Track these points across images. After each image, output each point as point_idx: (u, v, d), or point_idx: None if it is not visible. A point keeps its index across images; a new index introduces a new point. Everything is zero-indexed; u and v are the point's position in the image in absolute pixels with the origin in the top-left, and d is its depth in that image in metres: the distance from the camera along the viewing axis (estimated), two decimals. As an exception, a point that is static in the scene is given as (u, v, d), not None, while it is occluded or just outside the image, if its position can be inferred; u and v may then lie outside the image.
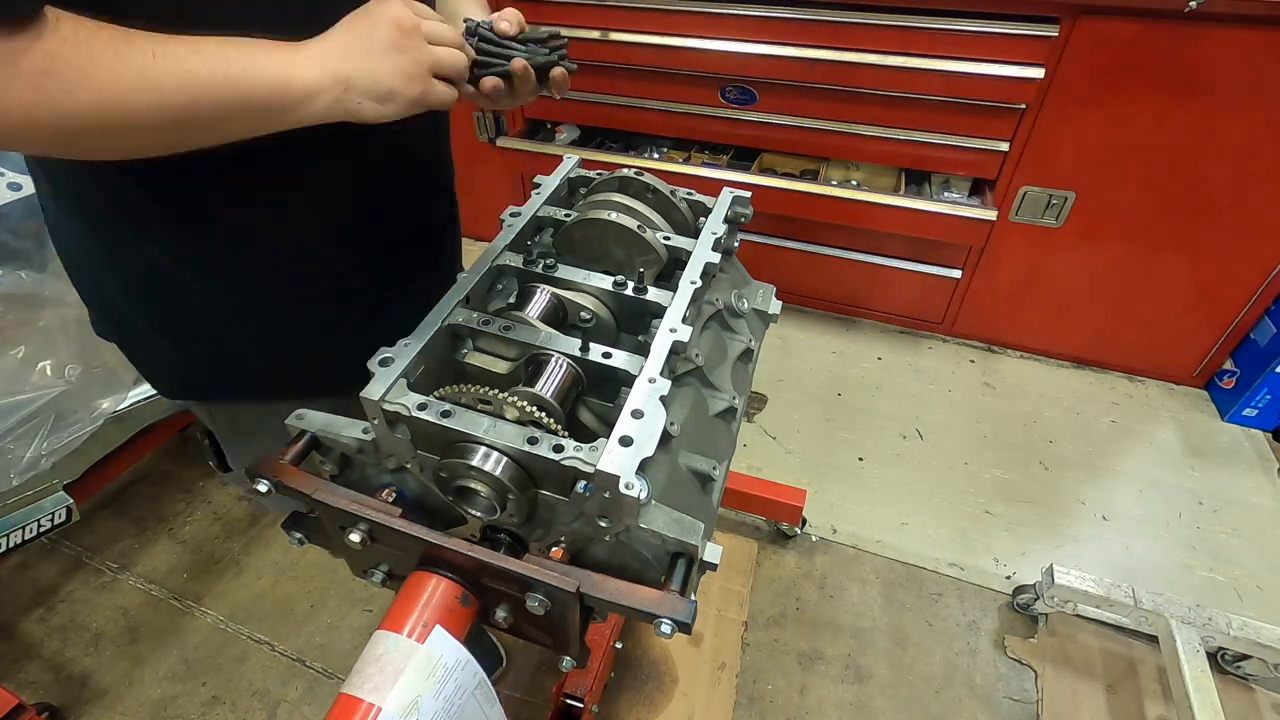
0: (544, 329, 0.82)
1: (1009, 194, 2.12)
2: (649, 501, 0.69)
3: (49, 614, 1.73)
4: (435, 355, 0.80)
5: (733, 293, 1.05)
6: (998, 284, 2.35)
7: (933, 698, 1.56)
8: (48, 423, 1.35)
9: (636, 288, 0.87)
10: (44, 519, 1.54)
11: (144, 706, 1.56)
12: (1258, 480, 2.05)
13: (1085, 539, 1.88)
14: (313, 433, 0.79)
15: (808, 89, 2.10)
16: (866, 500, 1.98)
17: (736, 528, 1.91)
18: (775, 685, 1.58)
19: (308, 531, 0.83)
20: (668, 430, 0.75)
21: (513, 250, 0.94)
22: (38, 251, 1.29)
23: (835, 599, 1.75)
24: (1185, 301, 2.16)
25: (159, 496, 2.02)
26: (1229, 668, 1.59)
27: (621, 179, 1.04)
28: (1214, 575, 1.79)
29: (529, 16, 0.83)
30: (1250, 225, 1.95)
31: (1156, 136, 1.89)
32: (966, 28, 1.86)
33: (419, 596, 0.72)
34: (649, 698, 1.56)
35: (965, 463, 2.08)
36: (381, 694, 0.63)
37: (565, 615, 0.71)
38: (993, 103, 1.96)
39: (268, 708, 1.55)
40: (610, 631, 1.42)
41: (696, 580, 0.72)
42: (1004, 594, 1.75)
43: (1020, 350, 2.50)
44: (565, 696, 1.30)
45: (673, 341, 0.79)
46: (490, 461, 0.69)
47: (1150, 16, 1.73)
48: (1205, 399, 2.31)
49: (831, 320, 2.66)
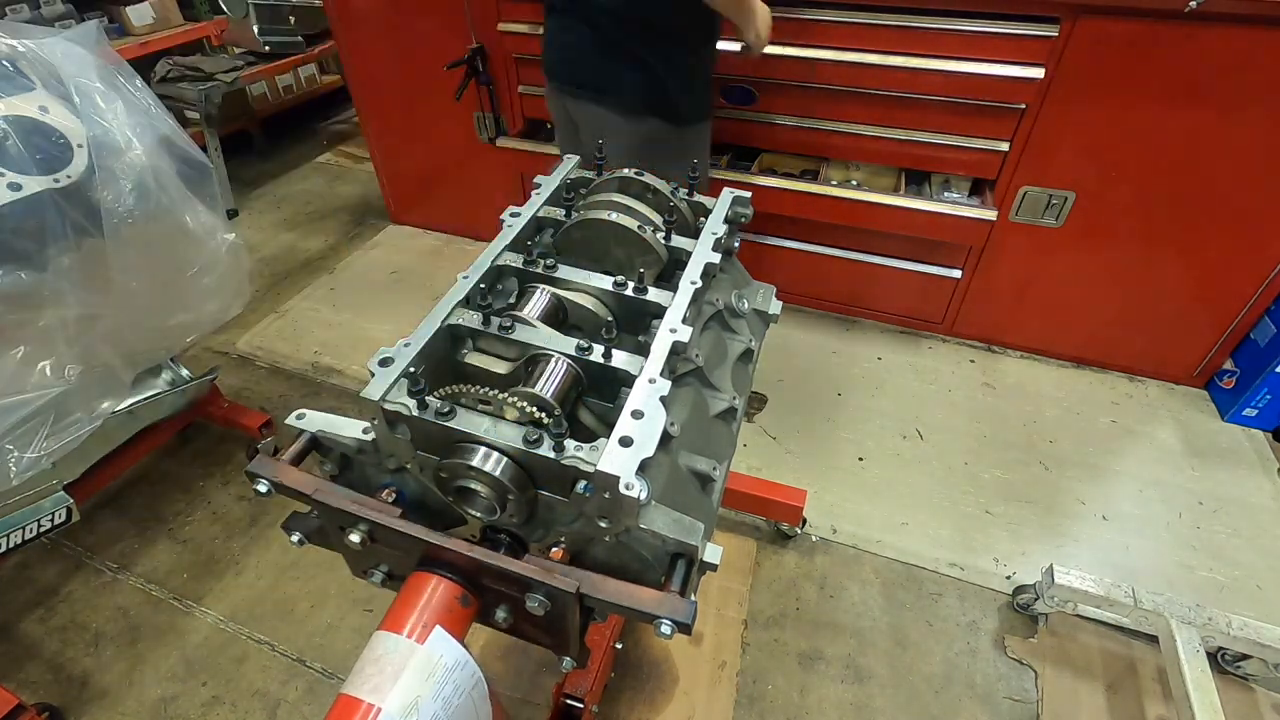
0: (544, 329, 0.82)
1: (1009, 194, 2.12)
2: (649, 502, 0.69)
3: (49, 614, 1.73)
4: (435, 355, 0.80)
5: (733, 293, 1.05)
6: (998, 284, 2.35)
7: (933, 698, 1.56)
8: (47, 423, 1.35)
9: (636, 288, 0.87)
10: (44, 519, 1.54)
11: (144, 706, 1.56)
12: (1258, 480, 2.05)
13: (1085, 539, 1.88)
14: (313, 433, 0.79)
15: (808, 89, 2.10)
16: (866, 500, 1.98)
17: (736, 528, 1.91)
18: (775, 685, 1.58)
19: (308, 531, 0.83)
20: (668, 430, 0.75)
21: (513, 250, 0.94)
22: (38, 251, 1.28)
23: (835, 599, 1.75)
24: (1185, 301, 2.16)
25: (159, 496, 2.02)
26: (1229, 668, 1.59)
27: (621, 179, 1.04)
28: (1214, 575, 1.79)
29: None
30: (1250, 225, 1.95)
31: (1157, 136, 1.89)
32: (966, 28, 1.86)
33: (419, 597, 0.72)
34: (649, 697, 1.56)
35: (965, 463, 2.08)
36: (381, 694, 0.63)
37: (565, 616, 0.71)
38: (993, 103, 1.96)
39: (268, 708, 1.55)
40: (610, 632, 1.42)
41: (696, 581, 0.72)
42: (1004, 594, 1.75)
43: (1020, 350, 2.50)
44: (565, 697, 1.30)
45: (673, 342, 0.79)
46: (490, 462, 0.69)
47: (1150, 16, 1.73)
48: (1205, 399, 2.31)
49: (831, 320, 2.66)
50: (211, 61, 3.25)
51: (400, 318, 2.71)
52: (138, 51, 3.28)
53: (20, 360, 1.29)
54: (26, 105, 1.27)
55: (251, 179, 3.79)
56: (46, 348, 1.33)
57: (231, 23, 3.39)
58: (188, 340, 1.66)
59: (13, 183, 1.22)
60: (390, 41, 2.64)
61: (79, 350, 1.37)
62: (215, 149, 3.15)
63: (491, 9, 2.31)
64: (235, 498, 2.01)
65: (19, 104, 1.27)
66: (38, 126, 1.27)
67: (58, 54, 1.35)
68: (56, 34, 1.39)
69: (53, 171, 1.27)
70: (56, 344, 1.34)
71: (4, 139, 1.23)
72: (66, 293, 1.33)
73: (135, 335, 1.50)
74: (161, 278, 1.50)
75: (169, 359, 1.92)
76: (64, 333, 1.35)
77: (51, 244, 1.29)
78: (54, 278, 1.30)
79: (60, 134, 1.29)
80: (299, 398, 2.35)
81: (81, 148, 1.31)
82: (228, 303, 1.65)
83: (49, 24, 3.08)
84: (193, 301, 1.59)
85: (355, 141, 4.17)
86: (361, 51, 2.74)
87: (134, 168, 1.36)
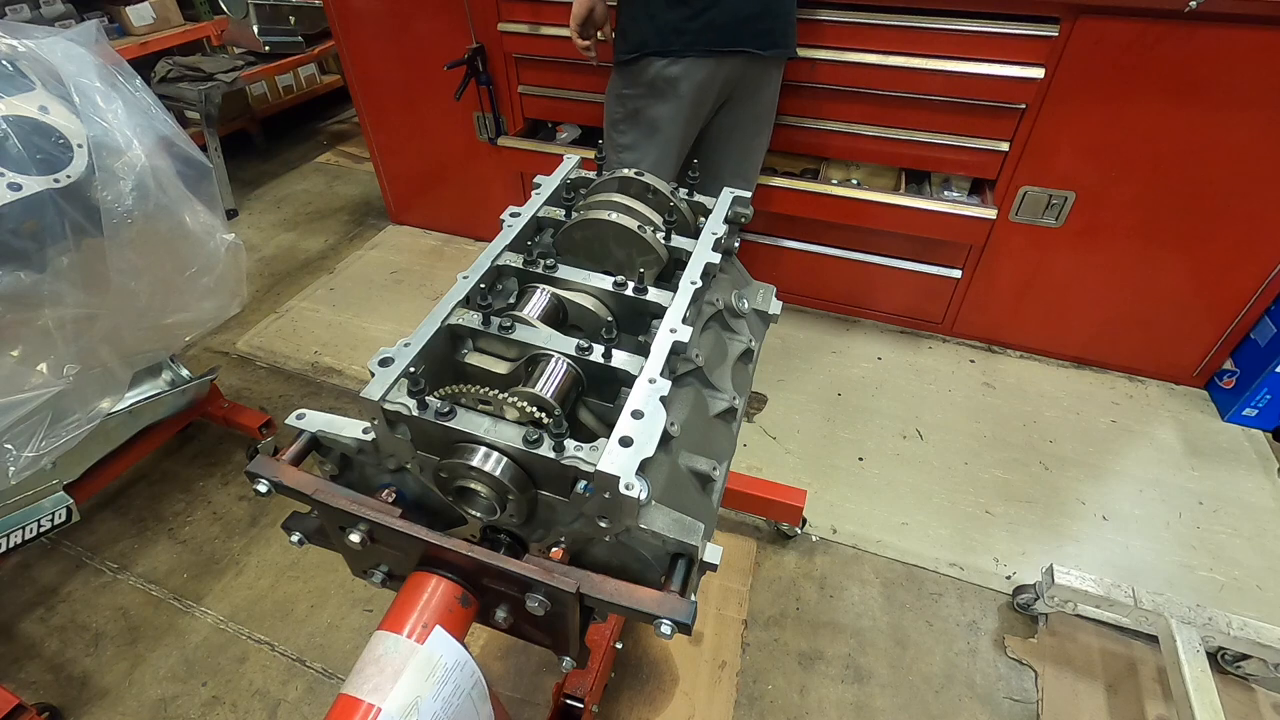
0: (544, 329, 0.82)
1: (1009, 194, 2.12)
2: (649, 502, 0.69)
3: (49, 614, 1.73)
4: (435, 355, 0.80)
5: (733, 293, 1.05)
6: (998, 284, 2.35)
7: (933, 698, 1.56)
8: (45, 422, 1.35)
9: (637, 288, 0.87)
10: (44, 519, 1.54)
11: (144, 706, 1.56)
12: (1258, 480, 2.05)
13: (1085, 539, 1.88)
14: (313, 433, 0.79)
15: (808, 89, 2.10)
16: (866, 500, 1.98)
17: (736, 528, 1.91)
18: (775, 685, 1.58)
19: (308, 531, 0.83)
20: (668, 431, 0.75)
21: (513, 250, 0.94)
22: (37, 251, 1.28)
23: (835, 599, 1.75)
24: (1185, 301, 2.16)
25: (159, 496, 2.02)
26: (1229, 668, 1.59)
27: (621, 179, 1.04)
28: (1214, 575, 1.79)
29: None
30: (1250, 225, 1.95)
31: (1157, 136, 1.89)
32: (966, 28, 1.86)
33: (419, 597, 0.72)
34: (649, 697, 1.56)
35: (965, 463, 2.08)
36: (381, 694, 0.63)
37: (565, 615, 0.71)
38: (993, 103, 1.96)
39: (268, 708, 1.55)
40: (610, 631, 1.42)
41: (696, 581, 0.72)
42: (1004, 594, 1.75)
43: (1020, 350, 2.50)
44: (565, 696, 1.30)
45: (673, 342, 0.79)
46: (490, 462, 0.69)
47: (1150, 16, 1.73)
48: (1205, 399, 2.31)
49: (831, 320, 2.66)
50: (211, 61, 3.25)
51: (400, 318, 2.71)
52: (138, 51, 3.28)
53: (18, 360, 1.29)
54: (26, 105, 1.27)
55: (251, 179, 3.79)
56: (44, 347, 1.33)
57: (231, 23, 3.39)
58: (185, 340, 1.66)
59: (13, 183, 1.22)
60: (390, 41, 2.64)
61: (77, 350, 1.37)
62: (215, 149, 3.15)
63: (491, 9, 2.31)
64: (235, 498, 2.01)
65: (19, 104, 1.26)
66: (38, 126, 1.27)
67: (58, 54, 1.35)
68: (56, 34, 1.39)
69: (52, 171, 1.27)
70: (54, 343, 1.34)
71: (4, 139, 1.23)
72: (65, 293, 1.32)
73: (133, 335, 1.50)
74: (160, 278, 1.50)
75: (168, 358, 1.92)
76: (62, 332, 1.34)
77: (51, 244, 1.29)
78: (53, 278, 1.30)
79: (60, 134, 1.29)
80: (299, 398, 2.35)
81: (81, 148, 1.31)
82: (226, 302, 1.65)
83: (49, 24, 3.08)
84: (191, 301, 1.59)
85: (355, 141, 4.17)
86: (361, 51, 2.74)
87: (134, 168, 1.36)
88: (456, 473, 0.71)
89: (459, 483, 0.72)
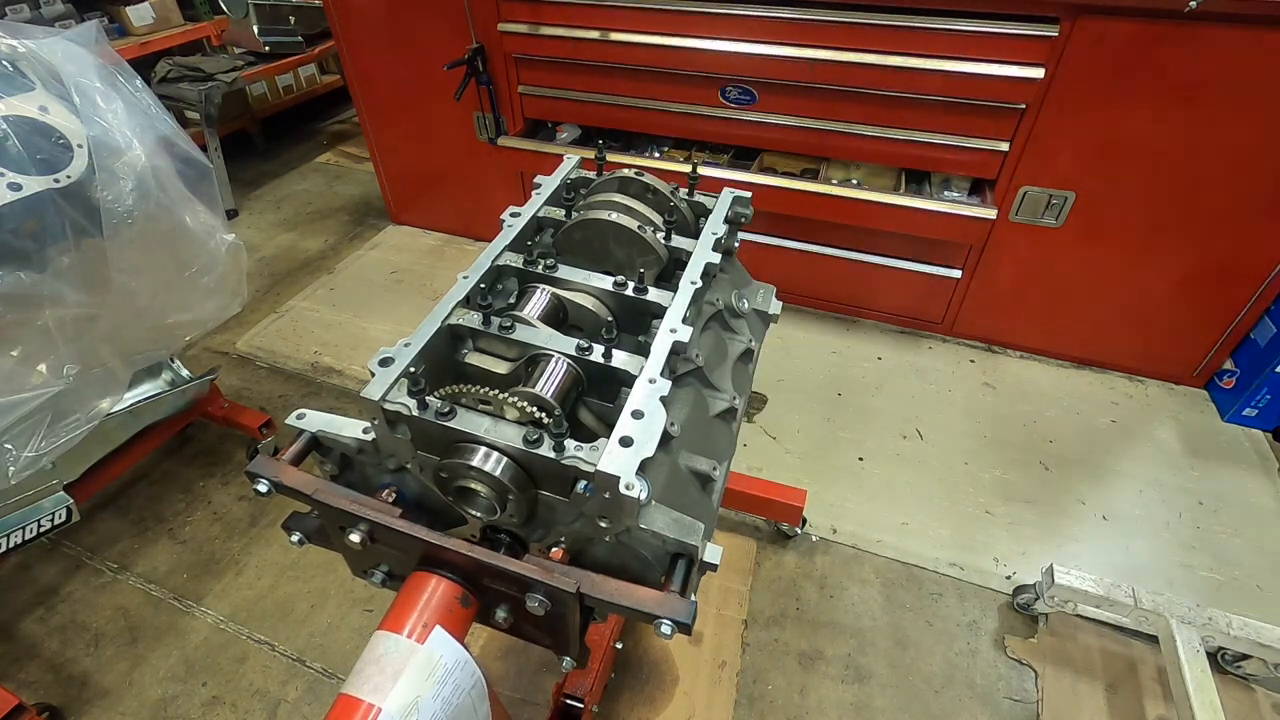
0: (544, 329, 0.82)
1: (1009, 194, 2.12)
2: (649, 502, 0.69)
3: (49, 614, 1.73)
4: (435, 355, 0.80)
5: (733, 293, 1.05)
6: (998, 284, 2.34)
7: (933, 698, 1.56)
8: (45, 422, 1.35)
9: (637, 288, 0.87)
10: (44, 519, 1.54)
11: (144, 706, 1.56)
12: (1258, 480, 2.05)
13: (1085, 539, 1.88)
14: (313, 433, 0.79)
15: (808, 89, 2.10)
16: (866, 500, 1.98)
17: (736, 528, 1.91)
18: (775, 685, 1.58)
19: (308, 531, 0.83)
20: (668, 431, 0.75)
21: (513, 250, 0.94)
22: (37, 252, 1.28)
23: (835, 599, 1.75)
24: (1185, 301, 2.16)
25: (159, 496, 2.02)
26: (1229, 668, 1.59)
27: (621, 179, 1.04)
28: (1214, 575, 1.79)
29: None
30: (1250, 225, 1.95)
31: (1157, 136, 1.89)
32: (966, 28, 1.86)
33: (419, 597, 0.72)
34: (649, 697, 1.56)
35: (965, 463, 2.08)
36: (381, 694, 0.63)
37: (565, 615, 0.71)
38: (993, 103, 1.96)
39: (268, 708, 1.55)
40: (610, 631, 1.42)
41: (696, 581, 0.72)
42: (1004, 594, 1.75)
43: (1020, 350, 2.50)
44: (565, 696, 1.30)
45: (673, 342, 0.79)
46: (490, 462, 0.69)
47: (1150, 16, 1.73)
48: (1205, 399, 2.31)
49: (831, 320, 2.66)
50: (211, 61, 3.25)
51: (400, 318, 2.71)
52: (138, 51, 3.28)
53: (18, 359, 1.29)
54: (26, 105, 1.27)
55: (251, 179, 3.79)
56: (45, 347, 1.33)
57: (231, 23, 3.39)
58: (185, 340, 1.66)
59: (13, 183, 1.22)
60: (390, 41, 2.64)
61: (77, 350, 1.37)
62: (215, 149, 3.15)
63: (491, 9, 2.31)
64: (235, 498, 2.01)
65: (19, 104, 1.26)
66: (38, 126, 1.27)
67: (58, 54, 1.35)
68: (56, 34, 1.39)
69: (53, 171, 1.27)
70: (55, 343, 1.34)
71: (4, 139, 1.23)
72: (65, 293, 1.32)
73: (133, 335, 1.50)
74: (160, 278, 1.50)
75: (169, 359, 1.92)
76: (62, 332, 1.34)
77: (51, 244, 1.29)
78: (53, 278, 1.30)
79: (60, 134, 1.29)
80: (299, 398, 2.35)
81: (81, 148, 1.31)
82: (226, 303, 1.65)
83: (49, 24, 3.08)
84: (191, 301, 1.59)
85: (355, 141, 4.17)
86: (361, 51, 2.74)
87: (134, 168, 1.36)
88: (457, 472, 0.71)
89: (459, 483, 0.72)
